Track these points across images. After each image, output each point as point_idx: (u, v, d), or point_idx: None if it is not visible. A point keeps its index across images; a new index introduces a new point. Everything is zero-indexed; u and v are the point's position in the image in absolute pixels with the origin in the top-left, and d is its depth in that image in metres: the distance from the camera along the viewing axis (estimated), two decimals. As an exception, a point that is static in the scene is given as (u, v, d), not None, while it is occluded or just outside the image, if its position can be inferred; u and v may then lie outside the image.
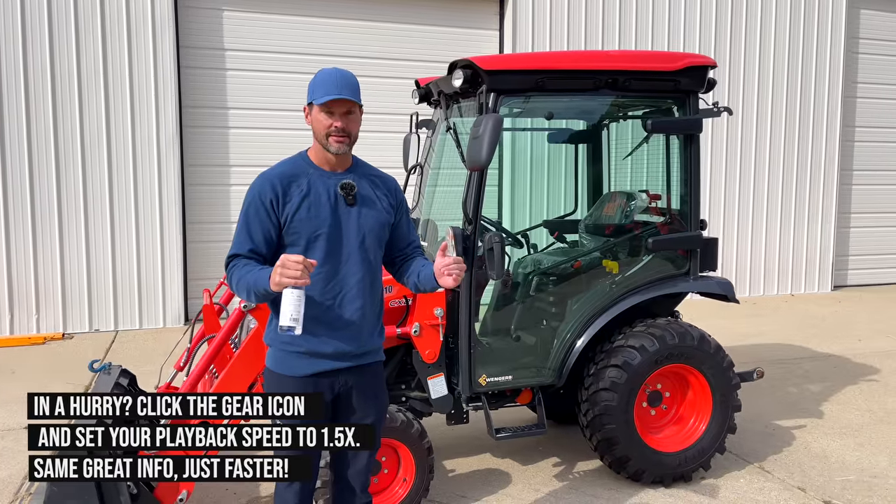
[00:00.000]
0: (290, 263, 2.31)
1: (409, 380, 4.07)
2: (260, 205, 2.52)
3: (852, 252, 11.03)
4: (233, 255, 2.55)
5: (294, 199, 2.53)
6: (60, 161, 7.53)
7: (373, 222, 2.65)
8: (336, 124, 2.53)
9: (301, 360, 2.59)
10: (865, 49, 10.63)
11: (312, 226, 2.54)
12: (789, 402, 5.66)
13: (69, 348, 7.16)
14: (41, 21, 7.36)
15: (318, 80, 2.59)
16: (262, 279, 2.40)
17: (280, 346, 2.61)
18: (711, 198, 9.82)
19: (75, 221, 7.64)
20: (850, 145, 10.74)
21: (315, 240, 2.54)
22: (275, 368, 2.64)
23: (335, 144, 2.55)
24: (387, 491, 3.71)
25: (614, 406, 3.93)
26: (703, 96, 4.23)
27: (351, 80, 2.57)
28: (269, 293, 2.40)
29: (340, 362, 2.61)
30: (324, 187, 2.58)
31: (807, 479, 4.32)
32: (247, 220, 2.54)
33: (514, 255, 4.80)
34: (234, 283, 2.52)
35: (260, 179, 2.58)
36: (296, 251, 2.51)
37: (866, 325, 8.47)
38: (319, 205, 2.56)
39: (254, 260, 2.53)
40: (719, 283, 4.42)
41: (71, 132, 7.54)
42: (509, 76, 3.76)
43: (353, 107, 2.56)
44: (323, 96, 2.52)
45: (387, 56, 8.59)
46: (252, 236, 2.53)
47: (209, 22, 8.08)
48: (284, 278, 2.30)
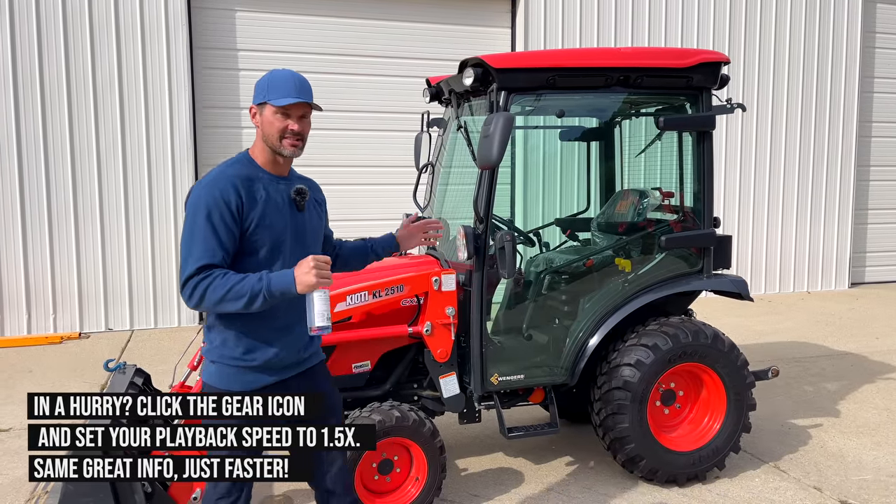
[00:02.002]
0: (322, 265, 2.29)
1: (421, 379, 4.08)
2: (225, 208, 2.36)
3: (869, 249, 10.91)
4: (204, 265, 2.34)
5: (258, 204, 2.43)
6: (76, 162, 7.61)
7: (318, 227, 2.66)
8: (293, 127, 2.46)
9: (252, 374, 2.50)
10: (882, 43, 10.51)
11: (275, 233, 2.46)
12: (805, 401, 5.61)
13: (85, 348, 7.23)
14: (56, 23, 7.43)
15: (272, 80, 2.50)
16: (280, 283, 2.31)
17: (231, 362, 2.48)
18: (726, 194, 9.75)
19: (91, 222, 7.71)
20: (867, 141, 10.62)
21: (277, 247, 2.47)
22: (223, 386, 2.49)
23: (289, 148, 2.48)
24: (399, 490, 3.72)
25: (627, 405, 3.92)
26: (716, 93, 4.20)
27: (307, 84, 2.54)
28: (286, 296, 2.34)
29: (291, 371, 2.58)
30: (276, 193, 2.50)
31: (823, 479, 4.28)
32: (212, 226, 2.35)
33: (526, 253, 4.79)
34: (214, 294, 2.33)
35: (217, 182, 2.41)
36: (255, 259, 2.44)
37: (884, 322, 8.38)
38: (278, 211, 2.48)
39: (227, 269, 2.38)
40: (733, 281, 4.38)
41: (86, 133, 7.61)
42: (520, 74, 3.75)
43: (308, 111, 2.52)
44: (282, 98, 2.44)
45: (398, 55, 8.61)
46: (222, 243, 2.36)
47: (222, 22, 8.12)
48: (321, 279, 2.28)
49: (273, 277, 2.35)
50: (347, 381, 3.83)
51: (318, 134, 2.69)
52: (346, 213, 8.42)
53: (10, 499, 3.99)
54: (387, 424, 3.55)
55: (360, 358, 3.84)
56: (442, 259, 4.02)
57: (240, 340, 2.49)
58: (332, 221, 2.90)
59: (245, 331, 2.48)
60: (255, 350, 2.48)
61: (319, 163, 8.44)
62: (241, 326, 2.48)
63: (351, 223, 8.38)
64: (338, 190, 8.50)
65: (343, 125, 8.45)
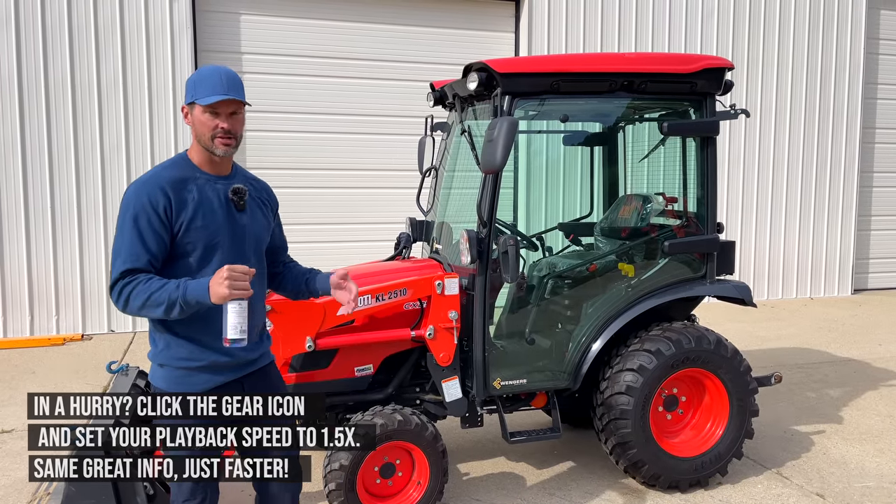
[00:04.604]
0: (237, 275, 2.21)
1: (424, 382, 4.08)
2: (153, 212, 2.33)
3: (873, 255, 10.89)
4: (128, 269, 2.33)
5: (189, 207, 2.38)
6: (80, 164, 7.62)
7: (260, 228, 2.58)
8: (222, 125, 2.39)
9: (201, 375, 2.47)
10: (886, 50, 10.50)
11: (208, 234, 2.41)
12: (808, 407, 5.59)
13: (88, 349, 7.23)
14: (61, 26, 7.45)
15: (199, 78, 2.43)
16: (196, 292, 2.26)
17: (177, 364, 2.45)
18: (730, 200, 9.75)
19: (94, 224, 7.72)
20: (871, 147, 10.61)
21: (212, 249, 2.42)
22: (171, 389, 2.46)
23: (221, 147, 2.41)
24: (401, 494, 3.71)
25: (630, 410, 3.91)
26: (719, 98, 4.20)
27: (236, 79, 2.44)
28: (202, 306, 2.28)
29: (240, 371, 2.54)
30: (213, 193, 2.45)
31: (826, 486, 4.26)
32: (138, 231, 2.33)
33: (529, 257, 4.79)
34: (136, 300, 2.30)
35: (146, 185, 2.38)
36: (188, 262, 2.41)
37: (887, 329, 8.36)
38: (213, 212, 2.42)
39: (153, 274, 2.35)
40: (736, 287, 4.38)
41: (90, 135, 7.63)
42: (524, 79, 3.76)
43: (238, 107, 2.44)
44: (208, 96, 2.37)
45: (402, 59, 8.62)
46: (148, 247, 2.33)
47: (226, 26, 8.14)
48: (234, 290, 2.20)
49: (189, 286, 2.28)
50: (350, 385, 3.83)
51: (323, 137, 2.69)
52: (349, 217, 8.43)
53: (12, 500, 3.99)
54: (389, 428, 3.54)
55: (362, 361, 3.84)
56: (445, 263, 4.02)
57: (183, 343, 2.45)
58: (336, 224, 2.88)
59: (187, 333, 2.44)
60: (199, 352, 2.45)
61: (324, 166, 8.48)
62: (184, 330, 2.44)
63: (354, 226, 8.40)
64: (341, 193, 8.54)
65: (347, 129, 8.46)
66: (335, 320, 3.70)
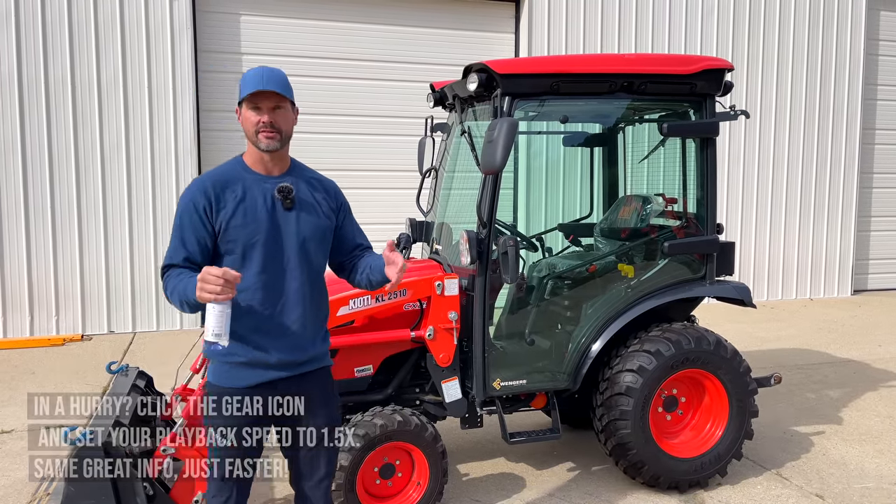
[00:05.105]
0: (209, 277, 2.20)
1: (424, 383, 4.08)
2: (193, 211, 2.41)
3: (872, 256, 10.90)
4: (167, 265, 2.44)
5: (228, 206, 2.43)
6: (80, 164, 7.63)
7: (312, 227, 2.55)
8: (263, 119, 2.42)
9: (242, 370, 2.49)
10: (885, 51, 10.51)
11: (248, 232, 2.44)
12: (807, 408, 5.59)
13: (88, 350, 7.23)
14: (61, 26, 7.46)
15: (244, 78, 2.47)
16: (190, 290, 2.30)
17: (221, 359, 2.50)
18: (729, 201, 9.75)
19: (94, 224, 7.72)
20: (870, 148, 10.62)
21: (252, 247, 2.44)
22: (219, 382, 2.52)
23: (265, 141, 2.43)
24: (401, 494, 3.71)
25: (629, 411, 3.91)
26: (719, 99, 4.21)
27: (279, 76, 2.46)
28: (198, 304, 2.30)
29: (283, 372, 2.52)
30: (259, 192, 2.48)
31: (825, 487, 4.27)
32: (181, 228, 2.43)
33: (529, 258, 4.79)
34: (168, 294, 2.41)
35: (193, 185, 2.48)
36: (232, 259, 2.44)
37: (886, 330, 8.36)
38: (255, 210, 2.45)
39: (188, 269, 2.41)
40: (736, 288, 4.38)
41: (90, 135, 7.63)
42: (524, 80, 3.76)
43: (281, 101, 2.45)
44: (247, 91, 2.42)
45: (402, 59, 8.63)
46: (186, 245, 2.42)
47: (226, 26, 8.15)
48: (204, 293, 2.21)
49: (189, 284, 2.31)
50: (350, 385, 3.83)
51: (322, 138, 2.68)
52: (348, 217, 8.43)
53: (11, 500, 3.99)
54: (389, 429, 3.54)
55: (362, 362, 3.85)
56: (445, 263, 4.02)
57: None
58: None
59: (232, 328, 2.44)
60: (240, 348, 2.47)
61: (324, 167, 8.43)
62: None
63: (354, 227, 8.39)
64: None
65: (347, 129, 8.47)
66: (335, 321, 3.70)
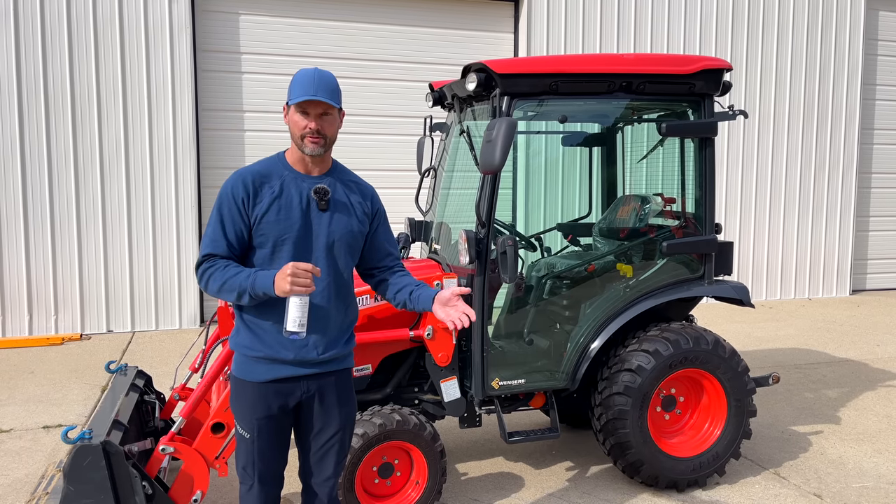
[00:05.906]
0: (300, 272, 2.28)
1: (422, 383, 4.08)
2: (232, 202, 2.47)
3: (871, 256, 10.91)
4: (208, 254, 2.48)
5: (264, 200, 2.48)
6: (79, 164, 7.63)
7: (344, 229, 2.57)
8: (310, 125, 2.45)
9: (260, 365, 2.52)
10: (884, 51, 10.53)
11: (280, 229, 2.48)
12: (805, 408, 5.61)
13: (87, 349, 7.24)
14: (60, 26, 7.46)
15: (295, 79, 2.50)
16: (263, 283, 2.36)
17: (242, 351, 2.56)
18: (728, 200, 9.77)
19: (93, 224, 7.73)
20: (869, 148, 10.63)
21: (282, 243, 2.49)
22: (237, 374, 2.58)
23: (310, 146, 2.48)
24: (399, 494, 3.72)
25: (628, 410, 3.92)
26: (718, 99, 4.21)
27: (329, 82, 2.48)
28: (268, 297, 2.39)
29: (302, 369, 2.54)
30: (297, 190, 2.52)
31: (823, 486, 4.27)
32: (220, 218, 2.48)
33: (528, 258, 4.80)
34: (214, 284, 2.44)
35: (234, 177, 2.53)
36: (263, 253, 2.49)
37: (885, 329, 8.38)
38: (290, 208, 2.49)
39: (232, 260, 2.48)
40: (734, 288, 4.39)
41: (89, 135, 7.64)
42: (523, 79, 3.77)
43: (329, 108, 2.48)
44: (298, 97, 2.45)
45: (401, 59, 8.63)
46: (227, 234, 2.48)
47: (226, 26, 8.15)
48: (295, 287, 2.28)
49: (259, 276, 2.39)
50: (348, 385, 3.83)
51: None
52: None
53: (10, 499, 3.99)
54: (387, 428, 3.55)
55: (361, 361, 3.84)
56: (444, 263, 4.03)
57: (247, 332, 2.55)
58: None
59: (251, 323, 2.54)
60: (258, 342, 2.52)
61: (322, 166, 8.48)
62: (249, 319, 2.54)
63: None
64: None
65: (346, 129, 8.26)
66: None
